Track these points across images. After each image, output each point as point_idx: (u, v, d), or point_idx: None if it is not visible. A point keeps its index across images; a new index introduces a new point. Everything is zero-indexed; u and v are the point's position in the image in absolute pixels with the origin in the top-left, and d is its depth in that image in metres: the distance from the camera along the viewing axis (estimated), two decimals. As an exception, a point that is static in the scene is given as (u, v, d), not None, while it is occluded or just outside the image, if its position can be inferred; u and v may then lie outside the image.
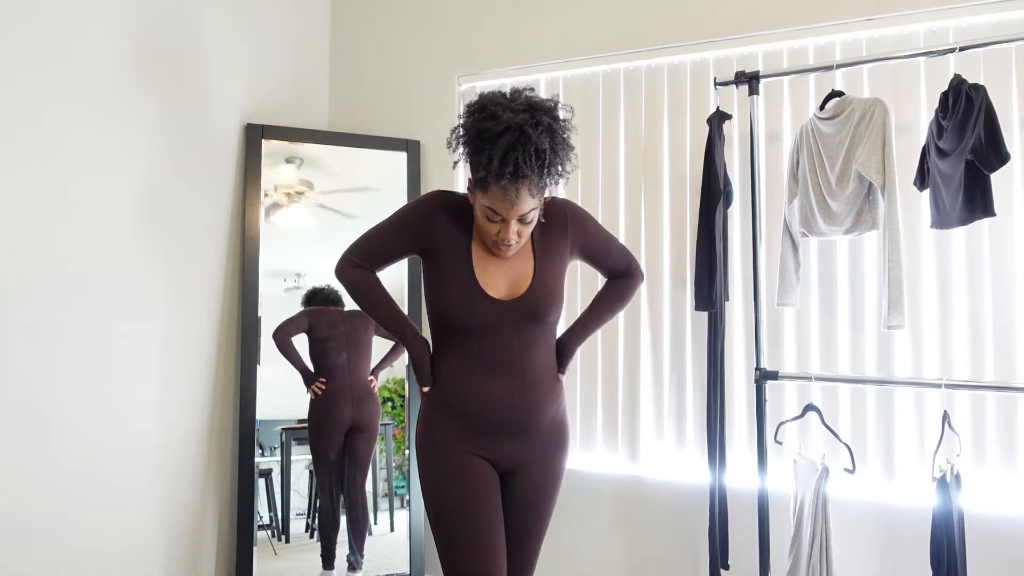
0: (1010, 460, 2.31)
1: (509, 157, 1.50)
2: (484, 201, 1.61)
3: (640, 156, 2.87)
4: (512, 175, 1.51)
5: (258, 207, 2.93)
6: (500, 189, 1.55)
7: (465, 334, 1.69)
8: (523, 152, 1.50)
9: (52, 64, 2.22)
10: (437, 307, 1.72)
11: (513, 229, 1.62)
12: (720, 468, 2.47)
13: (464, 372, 1.70)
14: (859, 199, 2.28)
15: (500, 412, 1.70)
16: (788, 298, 2.42)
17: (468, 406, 1.70)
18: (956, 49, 2.15)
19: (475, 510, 1.67)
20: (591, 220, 1.87)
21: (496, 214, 1.60)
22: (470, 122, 1.59)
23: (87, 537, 2.30)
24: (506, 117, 1.52)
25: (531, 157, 1.51)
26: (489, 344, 1.69)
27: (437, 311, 1.72)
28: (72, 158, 2.28)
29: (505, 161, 1.51)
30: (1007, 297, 2.34)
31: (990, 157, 2.02)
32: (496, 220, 1.62)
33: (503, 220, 1.61)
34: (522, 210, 1.59)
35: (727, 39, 2.71)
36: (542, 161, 1.53)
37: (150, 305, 2.52)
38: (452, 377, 1.72)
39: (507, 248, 1.66)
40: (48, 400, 2.20)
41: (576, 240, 1.81)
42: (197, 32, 2.72)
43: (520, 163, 1.50)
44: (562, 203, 1.82)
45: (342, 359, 2.91)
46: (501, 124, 1.52)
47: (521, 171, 1.51)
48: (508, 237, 1.63)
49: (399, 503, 3.06)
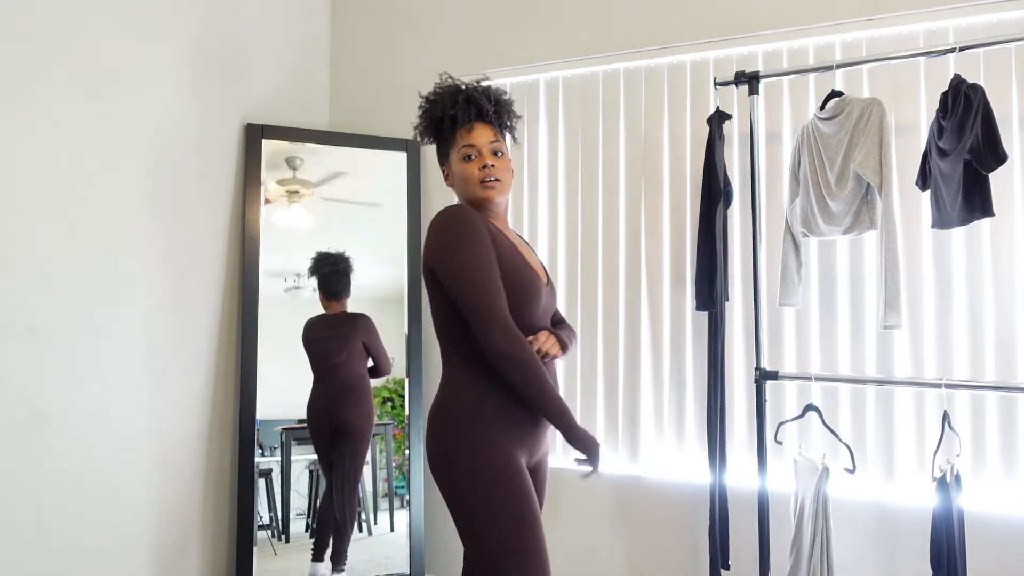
0: (1010, 460, 2.31)
1: (459, 100, 1.76)
2: (457, 151, 1.77)
3: (640, 156, 2.87)
4: (466, 108, 1.75)
5: (258, 207, 2.93)
6: (465, 130, 1.75)
7: (526, 327, 1.71)
8: (471, 93, 1.77)
9: (51, 63, 2.22)
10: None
11: (489, 159, 1.74)
12: (720, 468, 2.47)
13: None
14: (857, 199, 2.28)
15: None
16: (790, 298, 2.42)
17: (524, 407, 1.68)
18: (956, 49, 2.15)
19: (539, 522, 1.63)
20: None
21: (471, 148, 1.74)
22: (424, 109, 1.83)
23: (87, 537, 2.30)
24: (448, 88, 1.80)
25: (478, 93, 1.77)
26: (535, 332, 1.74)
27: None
28: (72, 158, 2.28)
29: (456, 103, 1.75)
30: (1007, 297, 2.34)
31: (987, 157, 2.02)
32: (474, 157, 1.75)
33: (478, 153, 1.75)
34: (489, 136, 1.76)
35: (727, 39, 2.71)
36: (487, 94, 1.78)
37: (150, 305, 2.52)
38: (491, 396, 1.67)
39: (495, 182, 1.74)
40: (48, 400, 2.20)
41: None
42: (197, 32, 2.72)
43: (471, 99, 1.76)
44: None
45: (332, 360, 2.93)
46: (447, 92, 1.79)
47: (474, 101, 1.75)
48: (488, 160, 1.74)
49: (399, 503, 3.06)
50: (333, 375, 2.93)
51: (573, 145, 3.00)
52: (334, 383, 2.93)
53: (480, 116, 1.77)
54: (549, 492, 2.92)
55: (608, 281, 2.91)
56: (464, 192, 1.78)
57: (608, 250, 2.91)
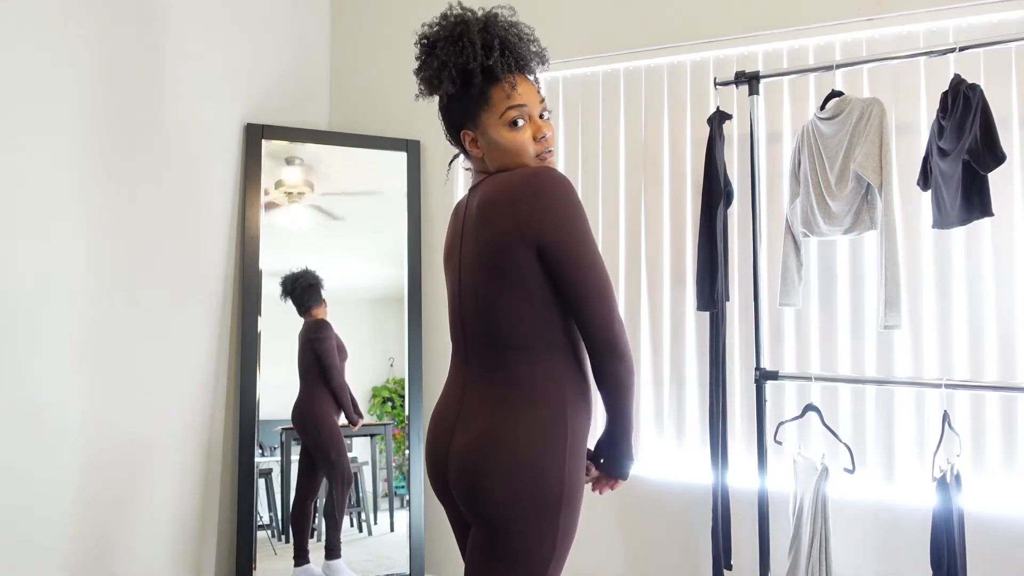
0: (1010, 460, 2.31)
1: (494, 45, 1.38)
2: (495, 113, 1.42)
3: (640, 156, 2.87)
4: (503, 58, 1.39)
5: (258, 207, 2.93)
6: (507, 85, 1.41)
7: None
8: (506, 35, 1.41)
9: (51, 63, 2.22)
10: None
11: (545, 128, 1.45)
12: (722, 468, 2.47)
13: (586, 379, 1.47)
14: (857, 199, 2.28)
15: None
16: (790, 298, 2.42)
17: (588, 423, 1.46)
18: (956, 49, 2.15)
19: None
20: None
21: (520, 110, 1.42)
22: (437, 53, 1.44)
23: (87, 537, 2.30)
24: (470, 22, 1.42)
25: (515, 36, 1.42)
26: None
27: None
28: (71, 158, 2.28)
29: (491, 48, 1.38)
30: (1007, 297, 2.34)
31: (986, 157, 2.03)
32: (522, 122, 1.43)
33: (529, 117, 1.44)
34: (536, 96, 1.46)
35: (727, 39, 2.71)
36: (525, 35, 1.44)
37: (150, 305, 2.53)
38: (582, 393, 1.45)
39: (550, 154, 1.46)
40: (48, 400, 2.20)
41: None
42: (197, 32, 2.72)
43: (508, 45, 1.40)
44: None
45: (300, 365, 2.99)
46: (471, 29, 1.40)
47: (513, 50, 1.41)
48: (544, 128, 1.45)
49: (399, 503, 3.06)
50: (301, 379, 2.98)
51: (573, 145, 3.00)
52: (301, 386, 2.97)
53: (521, 67, 1.44)
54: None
55: (608, 281, 2.91)
56: (504, 165, 1.45)
57: (608, 250, 2.91)
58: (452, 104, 1.48)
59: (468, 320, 1.47)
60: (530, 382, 1.39)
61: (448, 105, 1.49)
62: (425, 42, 1.48)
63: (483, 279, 1.41)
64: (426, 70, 1.48)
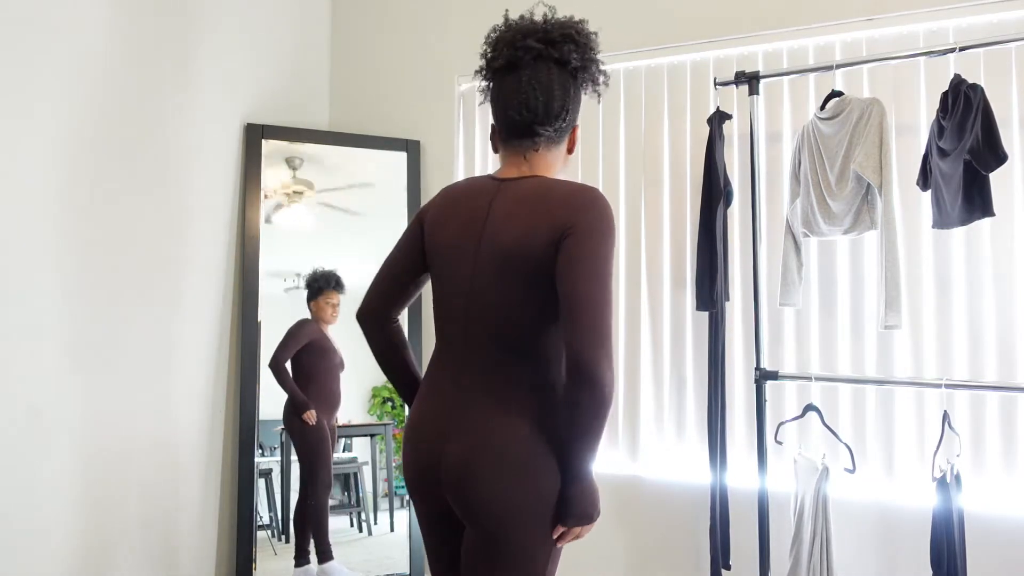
0: (1010, 460, 2.31)
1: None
2: (576, 128, 1.60)
3: (640, 156, 2.87)
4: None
5: (258, 207, 2.93)
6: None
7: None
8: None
9: (50, 63, 2.22)
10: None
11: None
12: (721, 468, 2.47)
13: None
14: (858, 199, 2.28)
15: None
16: (790, 298, 2.42)
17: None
18: (956, 49, 2.15)
19: None
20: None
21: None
22: (596, 52, 1.61)
23: (86, 537, 2.30)
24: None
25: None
26: None
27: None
28: (71, 158, 2.28)
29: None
30: (1007, 297, 2.34)
31: (987, 157, 2.03)
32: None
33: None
34: None
35: (727, 39, 2.71)
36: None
37: (150, 305, 2.52)
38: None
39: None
40: (48, 400, 2.20)
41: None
42: (197, 32, 2.72)
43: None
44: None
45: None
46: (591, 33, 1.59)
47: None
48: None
49: (399, 503, 3.06)
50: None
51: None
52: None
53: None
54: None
55: (608, 281, 2.91)
56: (550, 172, 1.53)
57: (608, 250, 2.91)
58: (573, 110, 1.55)
59: (474, 318, 1.44)
60: (532, 389, 1.40)
61: (577, 100, 1.57)
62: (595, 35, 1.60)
63: (510, 278, 1.40)
64: (597, 66, 1.61)
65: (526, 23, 1.50)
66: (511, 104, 1.47)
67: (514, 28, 1.50)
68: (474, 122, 3.19)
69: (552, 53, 1.47)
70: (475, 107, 3.19)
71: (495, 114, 1.53)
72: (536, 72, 1.46)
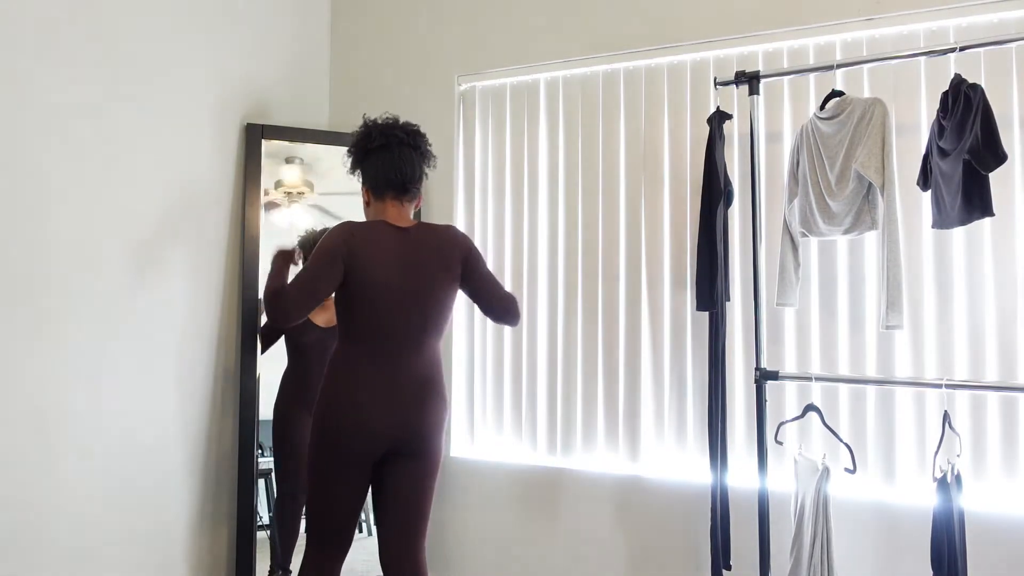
0: (1011, 460, 2.31)
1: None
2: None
3: (640, 156, 2.87)
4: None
5: (258, 207, 2.93)
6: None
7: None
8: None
9: (50, 63, 2.22)
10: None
11: None
12: (722, 468, 2.46)
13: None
14: (858, 199, 2.28)
15: None
16: (787, 298, 2.42)
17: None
18: (956, 49, 2.15)
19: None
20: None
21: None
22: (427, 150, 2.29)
23: (86, 538, 2.30)
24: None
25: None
26: None
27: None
28: (70, 158, 2.28)
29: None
30: (1008, 297, 2.34)
31: (987, 157, 2.02)
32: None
33: None
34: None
35: (727, 39, 2.71)
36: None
37: (150, 305, 2.52)
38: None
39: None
40: (48, 400, 2.20)
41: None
42: (197, 32, 2.72)
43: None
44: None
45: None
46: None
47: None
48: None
49: (399, 503, 3.06)
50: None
51: (573, 145, 3.00)
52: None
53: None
54: (550, 492, 2.93)
55: (608, 281, 2.91)
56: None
57: (608, 250, 2.91)
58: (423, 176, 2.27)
59: (414, 315, 2.12)
60: (440, 358, 2.21)
61: (423, 175, 2.27)
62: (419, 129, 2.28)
63: (438, 286, 2.16)
64: (430, 153, 2.29)
65: (390, 122, 2.20)
66: (393, 170, 2.16)
67: (382, 123, 2.20)
68: (474, 122, 3.19)
69: (410, 141, 2.20)
70: (475, 107, 3.19)
71: (374, 178, 2.19)
72: (403, 152, 2.18)
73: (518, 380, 3.06)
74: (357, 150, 2.21)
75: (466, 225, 3.19)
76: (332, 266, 2.07)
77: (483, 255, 2.31)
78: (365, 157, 2.20)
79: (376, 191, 2.21)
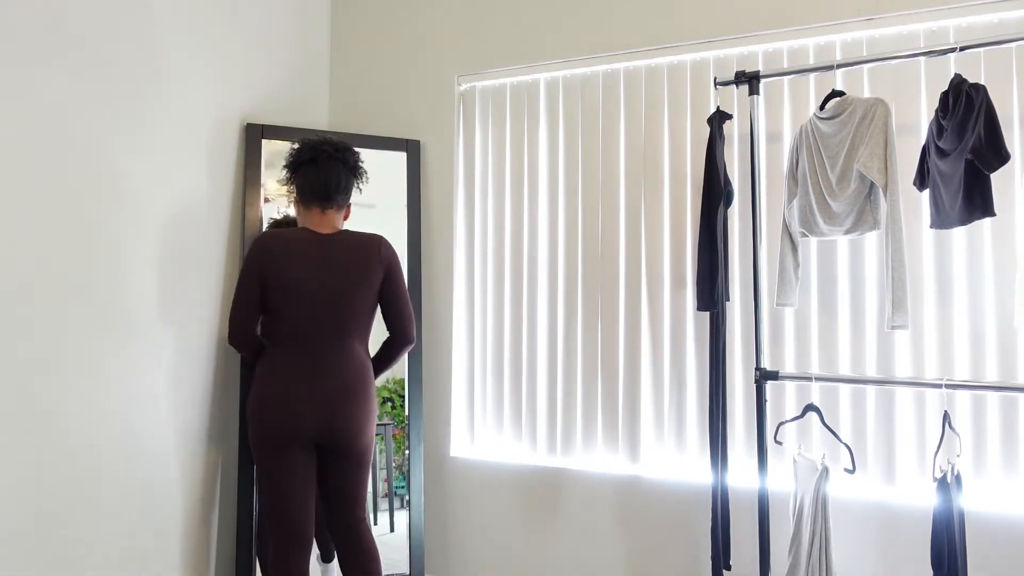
0: (1011, 460, 2.31)
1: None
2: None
3: (640, 156, 2.87)
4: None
5: (258, 207, 2.93)
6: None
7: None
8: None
9: (49, 61, 2.22)
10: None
11: None
12: (722, 468, 2.46)
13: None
14: (860, 199, 2.28)
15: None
16: (787, 298, 2.42)
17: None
18: (956, 49, 2.15)
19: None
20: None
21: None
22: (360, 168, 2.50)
23: (86, 538, 2.30)
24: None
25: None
26: None
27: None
28: (70, 159, 2.28)
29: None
30: (1008, 297, 2.34)
31: (990, 157, 2.02)
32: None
33: None
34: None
35: (727, 39, 2.71)
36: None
37: (150, 305, 2.52)
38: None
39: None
40: (48, 400, 2.19)
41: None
42: (197, 32, 2.72)
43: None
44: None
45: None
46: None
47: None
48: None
49: (399, 503, 3.06)
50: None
51: (573, 145, 3.00)
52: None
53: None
54: (550, 492, 2.93)
55: (608, 281, 2.91)
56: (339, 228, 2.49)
57: (608, 250, 2.91)
58: (351, 189, 2.47)
59: (332, 315, 2.28)
60: (365, 358, 2.34)
61: (351, 187, 2.46)
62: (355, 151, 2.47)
63: (355, 287, 2.31)
64: (360, 168, 2.49)
65: (322, 140, 2.39)
66: (318, 181, 2.35)
67: (313, 140, 2.40)
68: (474, 122, 3.19)
69: (338, 156, 2.39)
70: (475, 107, 3.19)
71: (301, 189, 2.38)
72: (330, 165, 2.37)
73: (518, 380, 3.06)
74: (290, 164, 2.41)
75: (466, 225, 3.20)
76: (252, 276, 2.29)
77: (411, 272, 2.88)
78: (296, 170, 2.40)
79: (303, 201, 2.39)
